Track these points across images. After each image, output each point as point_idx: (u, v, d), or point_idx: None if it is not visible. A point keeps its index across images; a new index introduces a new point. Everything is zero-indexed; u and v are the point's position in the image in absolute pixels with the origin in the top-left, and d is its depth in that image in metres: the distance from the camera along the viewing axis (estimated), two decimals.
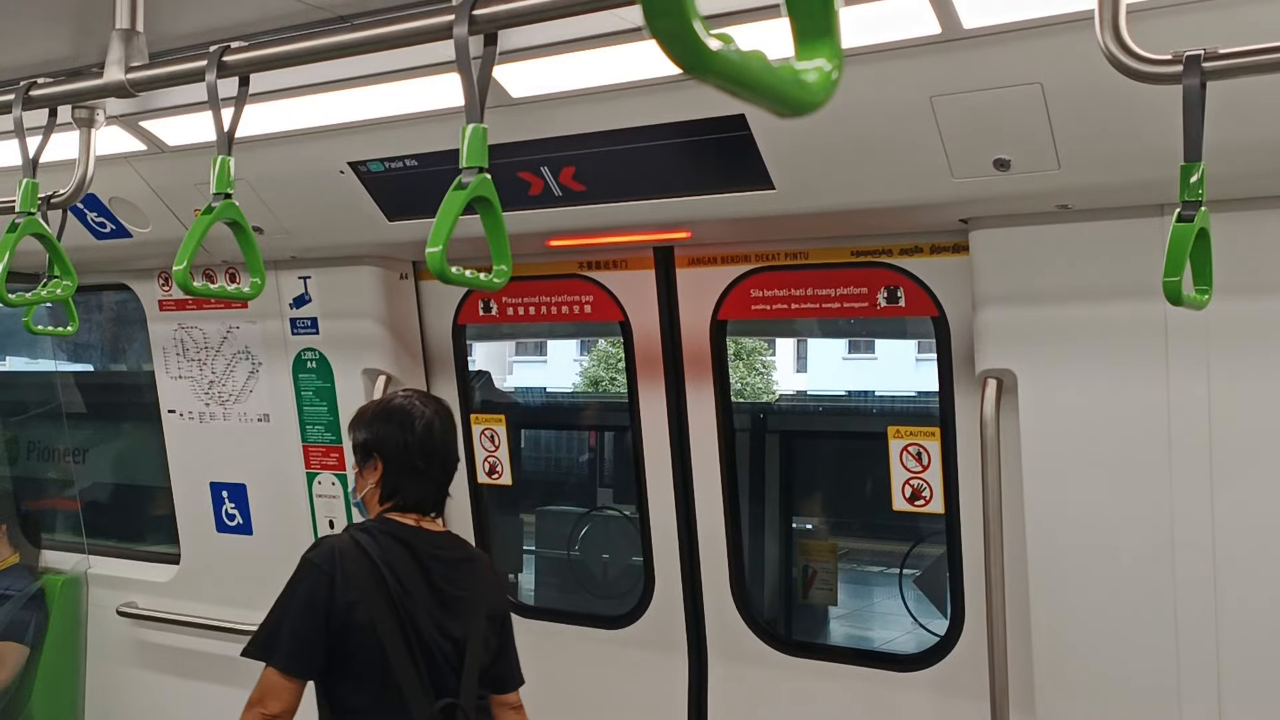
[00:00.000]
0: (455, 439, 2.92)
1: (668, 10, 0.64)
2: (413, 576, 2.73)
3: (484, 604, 2.84)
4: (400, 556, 2.73)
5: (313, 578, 2.69)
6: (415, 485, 2.81)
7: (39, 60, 2.68)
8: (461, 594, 2.80)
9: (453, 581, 2.80)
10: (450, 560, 2.84)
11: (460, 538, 3.03)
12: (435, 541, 2.83)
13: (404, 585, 2.71)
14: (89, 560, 5.04)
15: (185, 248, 1.99)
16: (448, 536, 2.93)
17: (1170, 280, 1.66)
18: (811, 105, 0.78)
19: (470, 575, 2.86)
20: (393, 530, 2.77)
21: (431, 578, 2.76)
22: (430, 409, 2.87)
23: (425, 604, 2.72)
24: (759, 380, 15.85)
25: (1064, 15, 2.13)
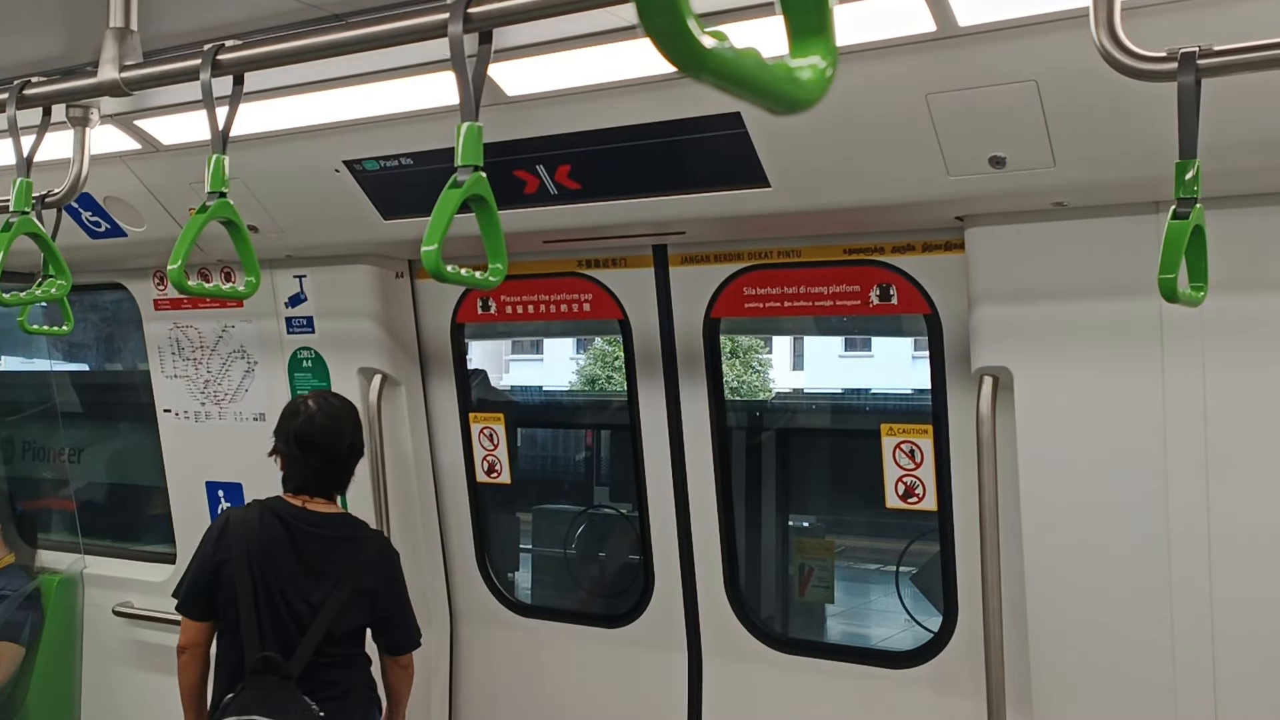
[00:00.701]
0: (341, 432, 3.32)
1: (662, 8, 0.64)
2: (281, 548, 3.22)
3: (354, 579, 3.23)
4: (275, 530, 3.23)
5: (205, 537, 3.33)
6: (296, 471, 3.30)
7: (33, 59, 2.67)
8: (330, 567, 3.23)
9: (323, 556, 3.24)
10: (325, 538, 3.26)
11: (353, 520, 3.41)
12: (315, 520, 3.27)
13: (268, 553, 3.20)
14: (84, 560, 5.04)
15: (180, 247, 1.98)
16: (334, 517, 3.33)
17: (1166, 277, 1.66)
18: (806, 103, 0.78)
19: (344, 552, 3.26)
20: (276, 507, 3.28)
21: (301, 551, 3.23)
22: (316, 405, 3.32)
23: (290, 572, 3.21)
24: (755, 378, 15.85)
25: (1059, 13, 2.13)
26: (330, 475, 3.33)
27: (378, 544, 3.39)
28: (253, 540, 3.21)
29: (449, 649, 4.29)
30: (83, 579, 5.02)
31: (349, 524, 3.39)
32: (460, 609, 4.29)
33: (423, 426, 4.18)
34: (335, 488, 3.36)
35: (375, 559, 3.32)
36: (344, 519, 3.40)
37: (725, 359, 3.80)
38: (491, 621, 4.22)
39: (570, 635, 4.06)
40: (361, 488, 4.11)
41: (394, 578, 3.36)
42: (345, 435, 3.34)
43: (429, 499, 4.22)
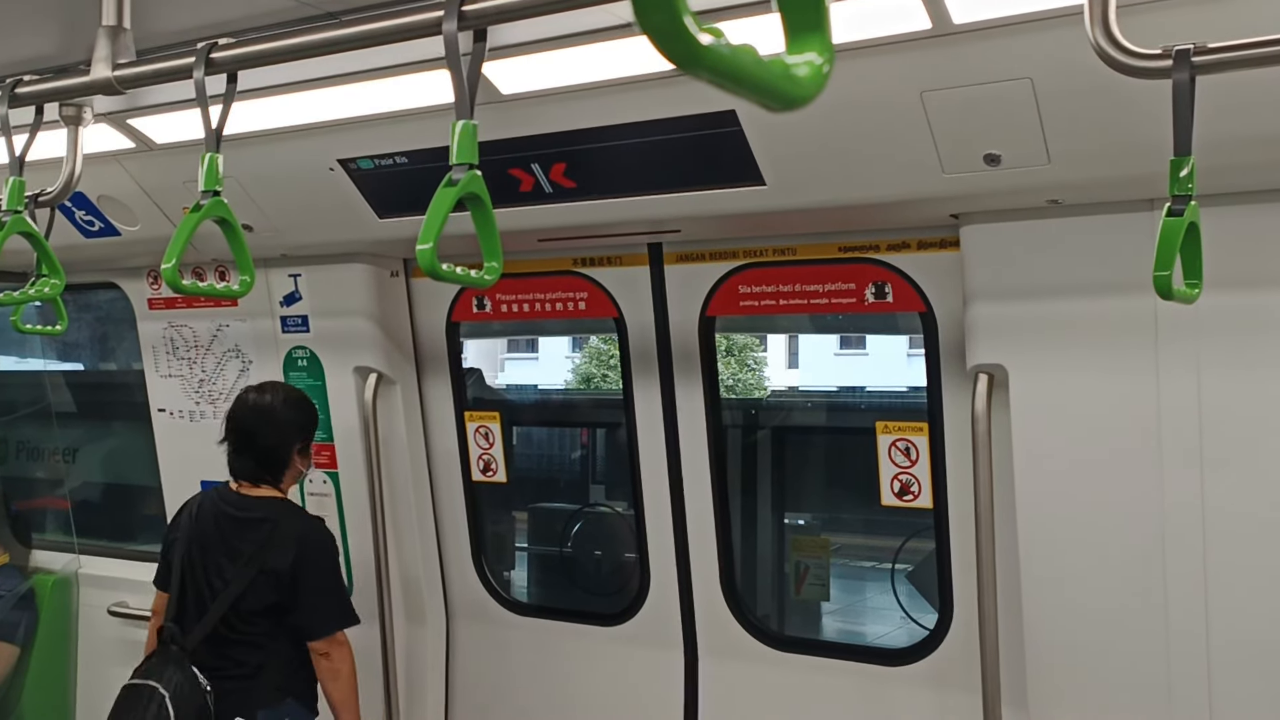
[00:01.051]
0: (264, 425, 3.49)
1: (658, 6, 0.64)
2: (209, 529, 3.47)
3: (261, 558, 3.37)
4: (208, 513, 3.51)
5: (170, 520, 3.70)
6: (228, 457, 3.54)
7: (25, 57, 2.66)
8: (243, 547, 3.40)
9: (239, 536, 3.42)
10: (244, 519, 3.44)
11: (282, 504, 3.51)
12: (239, 504, 3.47)
13: (199, 534, 3.47)
14: (79, 560, 5.03)
15: (174, 246, 1.98)
16: (260, 500, 3.48)
17: (1161, 274, 1.66)
18: (802, 100, 0.78)
19: (259, 533, 3.40)
20: (217, 492, 3.56)
21: (223, 532, 3.44)
22: (253, 396, 3.55)
23: (214, 551, 3.44)
24: (751, 376, 15.86)
25: (1054, 10, 2.13)
26: (250, 463, 3.48)
27: (298, 526, 3.46)
28: (191, 522, 3.51)
29: (445, 647, 4.29)
30: (77, 579, 5.00)
31: (274, 506, 3.48)
32: (456, 607, 4.29)
33: (418, 425, 4.18)
34: (257, 476, 3.49)
35: (289, 540, 3.39)
36: (270, 502, 3.48)
37: (720, 357, 3.80)
38: (487, 619, 4.22)
39: (566, 633, 4.06)
40: (357, 486, 4.11)
41: (308, 559, 3.40)
42: (268, 429, 3.48)
43: (424, 497, 4.22)
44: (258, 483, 3.49)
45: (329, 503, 4.21)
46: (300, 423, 3.56)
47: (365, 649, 4.15)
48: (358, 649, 4.19)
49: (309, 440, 3.61)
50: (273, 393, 3.57)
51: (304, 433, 3.57)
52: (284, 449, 3.51)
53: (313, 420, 3.64)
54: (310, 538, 3.45)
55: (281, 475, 3.52)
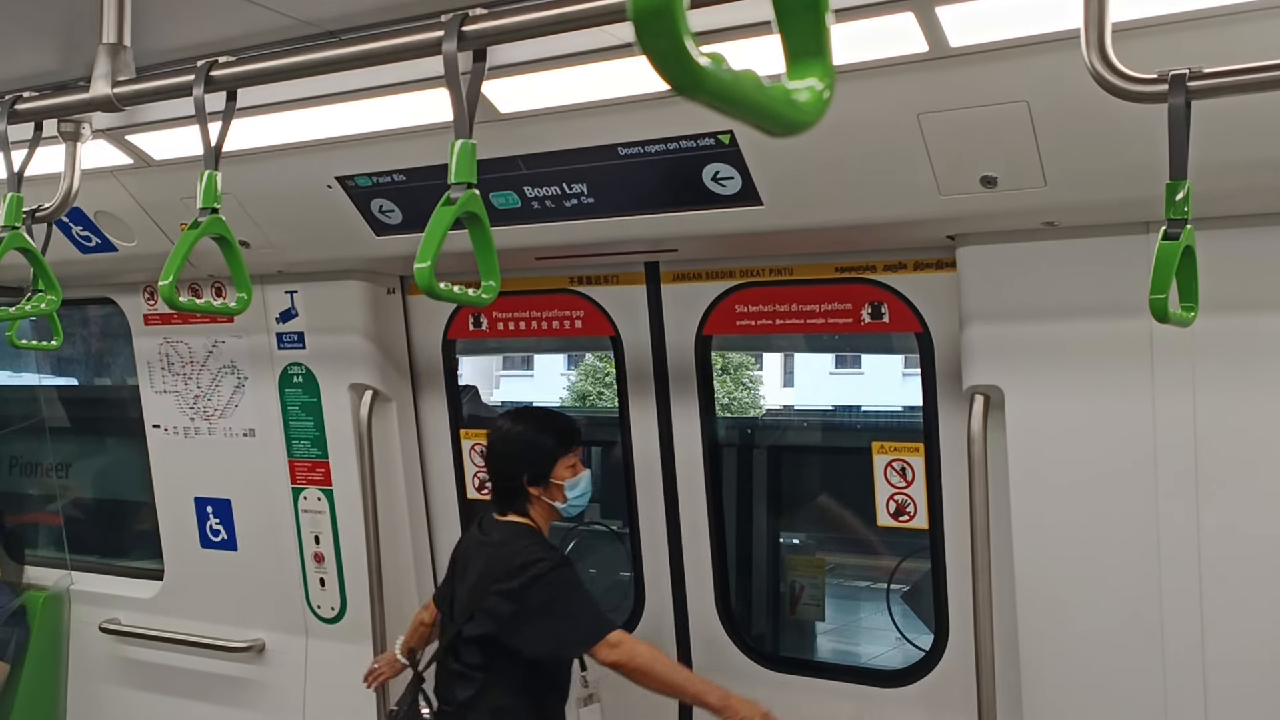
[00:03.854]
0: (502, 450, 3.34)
1: (660, 30, 0.64)
2: (466, 552, 3.40)
3: (485, 585, 3.21)
4: (471, 535, 3.47)
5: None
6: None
7: (25, 74, 2.66)
8: (471, 567, 3.31)
9: (474, 556, 3.32)
10: (483, 543, 3.34)
11: (516, 527, 3.30)
12: (487, 526, 3.38)
13: (464, 557, 3.39)
14: (71, 576, 5.00)
15: (171, 263, 1.97)
16: (499, 524, 3.34)
17: (1156, 298, 1.67)
18: (803, 125, 0.78)
19: (487, 558, 3.27)
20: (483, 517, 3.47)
21: (471, 556, 3.36)
22: (504, 422, 3.42)
23: (461, 572, 3.36)
24: (746, 395, 15.84)
25: (1050, 34, 2.14)
26: (500, 489, 3.36)
27: (525, 553, 3.19)
28: (459, 546, 3.51)
29: None
30: (69, 595, 4.98)
31: (509, 530, 3.30)
32: None
33: (413, 442, 4.17)
34: (502, 504, 3.35)
35: (503, 563, 3.20)
36: (508, 526, 3.31)
37: (716, 376, 3.80)
38: None
39: None
40: (352, 503, 4.10)
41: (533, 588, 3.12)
42: (496, 461, 3.36)
43: (419, 515, 4.20)
44: (505, 513, 3.34)
45: (323, 520, 4.20)
46: (522, 455, 3.29)
47: (357, 666, 4.13)
48: (350, 668, 4.18)
49: (541, 471, 3.27)
50: (510, 421, 3.40)
51: (534, 464, 3.28)
52: (512, 481, 3.31)
53: (539, 453, 3.29)
54: (535, 564, 3.16)
55: (522, 506, 3.30)
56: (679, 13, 0.64)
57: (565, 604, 3.16)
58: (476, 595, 3.23)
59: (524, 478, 3.28)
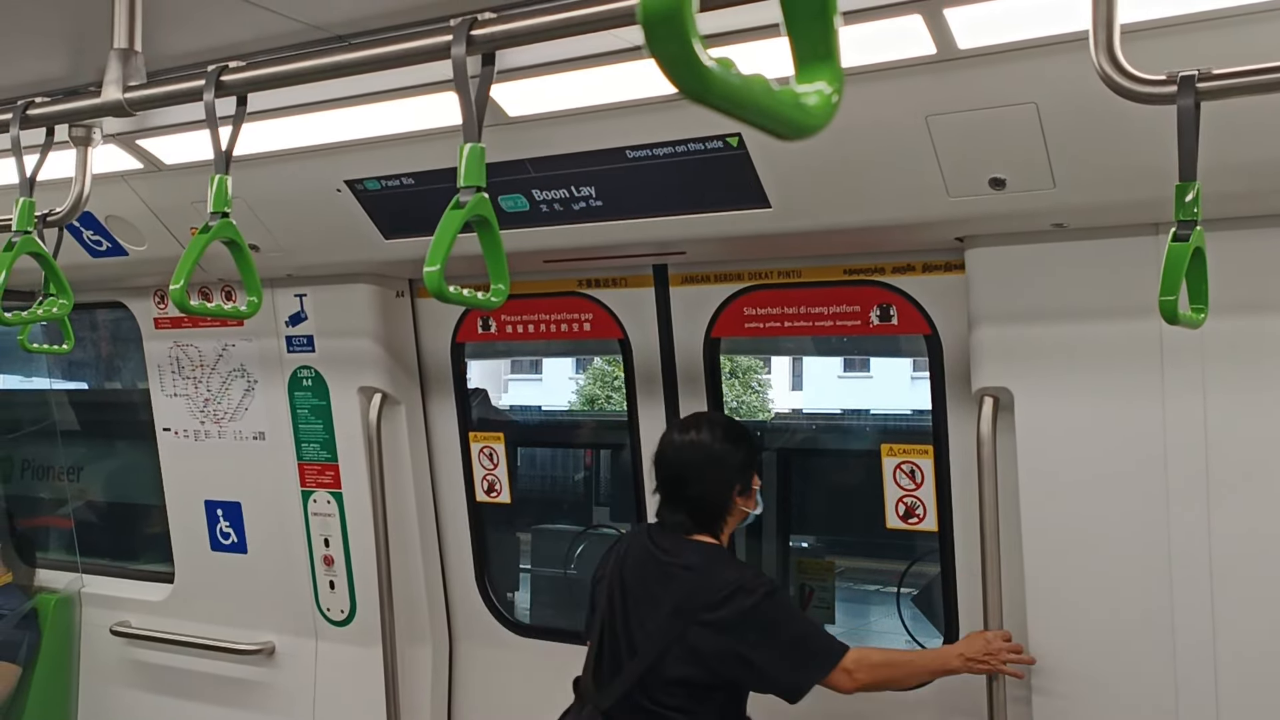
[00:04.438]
0: (692, 465, 3.00)
1: (670, 35, 0.64)
2: (637, 572, 3.02)
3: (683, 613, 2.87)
4: (638, 552, 3.05)
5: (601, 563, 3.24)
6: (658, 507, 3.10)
7: (37, 79, 2.68)
8: (659, 593, 2.93)
9: (664, 584, 2.95)
10: (671, 564, 2.96)
11: (705, 548, 2.97)
12: (670, 546, 2.99)
13: (626, 576, 3.03)
14: (82, 579, 5.02)
15: (182, 267, 1.98)
16: (689, 544, 2.98)
17: (1166, 299, 1.66)
18: (812, 129, 0.78)
19: (685, 584, 2.90)
20: (648, 528, 3.12)
21: (648, 577, 2.99)
22: (673, 433, 3.12)
23: (636, 598, 2.98)
24: (755, 399, 15.83)
25: (1059, 36, 2.14)
26: (681, 515, 2.98)
27: (735, 579, 2.88)
28: (620, 564, 3.06)
29: (448, 668, 4.28)
30: (80, 598, 5.00)
31: (704, 551, 2.95)
32: (459, 628, 4.27)
33: (422, 445, 4.18)
34: (690, 530, 2.98)
35: (723, 597, 2.84)
36: (700, 548, 2.95)
37: (724, 379, 3.80)
38: (490, 641, 4.20)
39: (570, 655, 4.02)
40: (361, 506, 4.10)
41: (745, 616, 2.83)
42: (701, 474, 2.97)
43: (428, 518, 4.21)
44: (690, 535, 2.99)
45: (333, 523, 4.20)
46: (739, 462, 3.01)
47: (367, 669, 4.14)
48: (360, 670, 4.18)
49: (748, 482, 3.04)
50: (704, 428, 3.05)
51: (744, 472, 3.02)
52: (722, 496, 2.99)
53: (753, 454, 3.10)
54: (744, 588, 2.86)
55: (721, 526, 3.01)
56: (688, 17, 0.64)
57: (791, 630, 2.88)
58: (675, 628, 2.87)
59: (735, 491, 2.99)
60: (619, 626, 2.98)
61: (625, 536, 3.22)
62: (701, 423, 3.09)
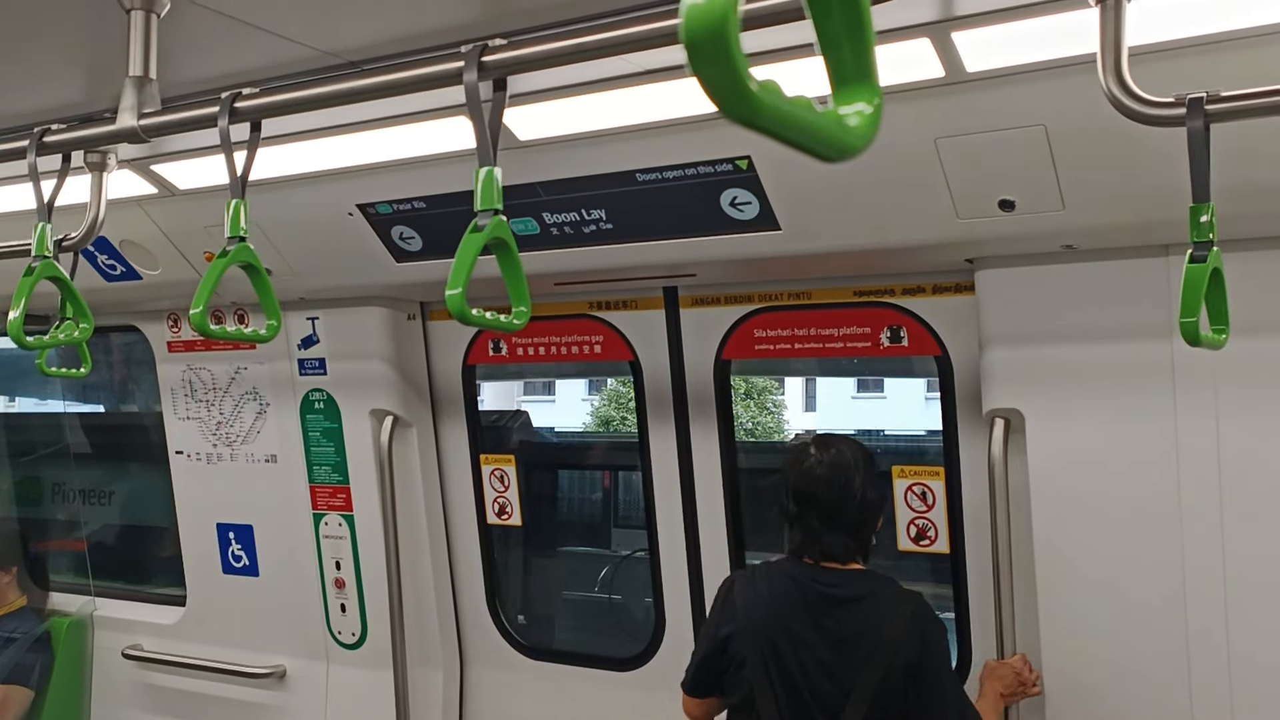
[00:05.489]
0: (846, 488, 2.74)
1: (715, 58, 0.63)
2: (795, 614, 2.70)
3: (889, 651, 2.64)
4: (786, 593, 2.73)
5: (710, 609, 2.93)
6: (795, 528, 2.81)
7: (53, 106, 2.71)
8: (855, 637, 2.66)
9: (844, 622, 2.68)
10: (844, 599, 2.70)
11: (875, 578, 2.78)
12: (830, 578, 2.73)
13: (780, 622, 2.71)
14: (95, 602, 5.02)
15: (202, 291, 1.99)
16: (848, 574, 2.76)
17: (1187, 321, 1.66)
18: (855, 150, 0.77)
19: (870, 616, 2.68)
20: (787, 568, 2.79)
21: (817, 617, 2.69)
22: (807, 455, 2.81)
23: (806, 643, 2.68)
24: (770, 420, 15.76)
25: (1067, 58, 2.15)
26: (841, 542, 2.75)
27: (911, 603, 2.72)
28: (763, 608, 2.74)
29: (459, 691, 4.26)
30: (93, 621, 5.00)
31: (870, 580, 2.77)
32: (470, 651, 4.26)
33: (434, 468, 4.18)
34: (848, 557, 2.76)
35: (909, 622, 2.68)
36: (871, 578, 2.78)
37: (739, 400, 3.80)
38: (501, 664, 4.19)
39: (581, 678, 4.03)
40: (372, 528, 4.11)
41: (931, 647, 2.68)
42: (854, 497, 2.74)
43: (439, 540, 4.21)
44: (846, 564, 2.77)
45: (344, 545, 4.21)
46: (878, 489, 2.84)
47: (378, 692, 4.13)
48: (371, 693, 4.17)
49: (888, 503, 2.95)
50: (841, 447, 2.82)
51: (882, 498, 2.88)
52: (875, 516, 2.81)
53: (881, 483, 2.98)
54: (925, 615, 2.72)
55: (863, 552, 2.81)
56: (734, 39, 0.63)
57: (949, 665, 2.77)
58: (874, 666, 2.63)
59: (881, 514, 2.85)
60: (798, 677, 2.67)
61: (745, 577, 2.86)
62: (836, 442, 2.84)
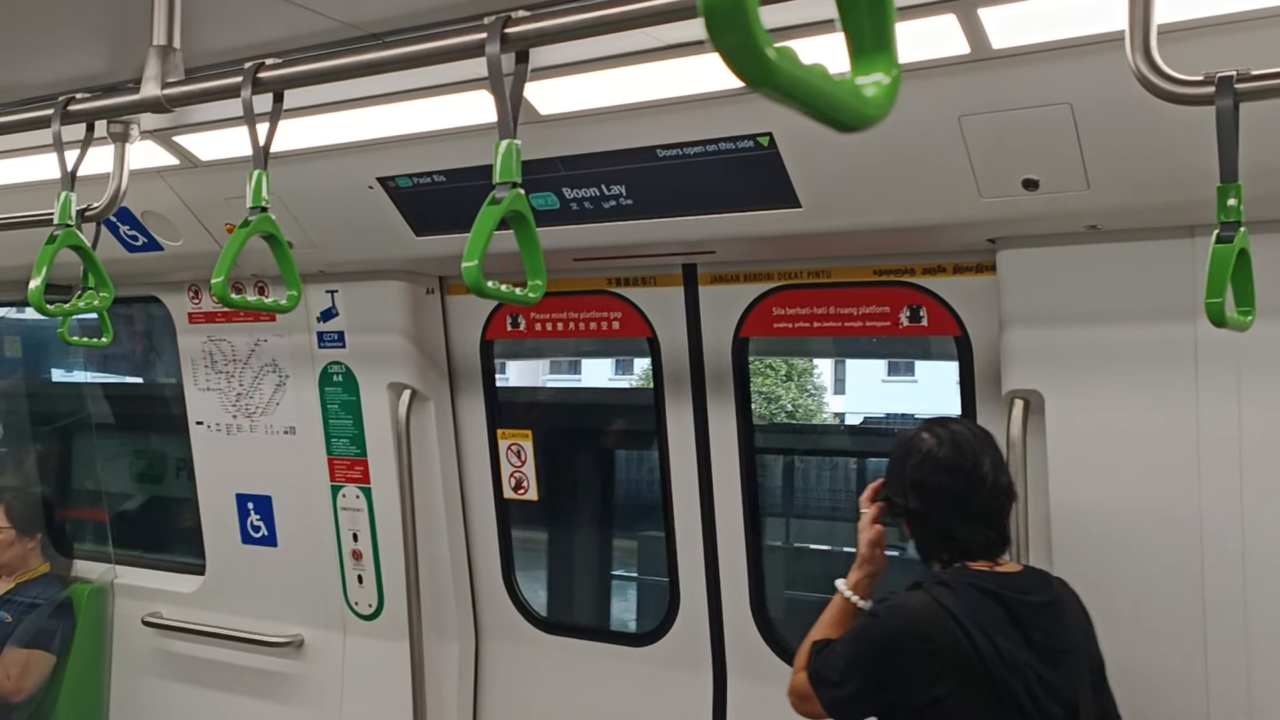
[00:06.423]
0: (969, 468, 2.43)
1: (733, 25, 0.64)
2: (1004, 632, 2.32)
3: (1089, 654, 2.46)
4: (987, 608, 2.33)
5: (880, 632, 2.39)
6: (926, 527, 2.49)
7: (77, 75, 2.72)
8: (1060, 645, 2.39)
9: (1048, 631, 2.37)
10: (1038, 604, 2.40)
11: (1035, 570, 2.56)
12: (1016, 583, 2.40)
13: (996, 642, 2.29)
14: (115, 570, 5.08)
15: (224, 261, 2.00)
16: (1025, 575, 2.47)
17: (1213, 301, 1.65)
18: (873, 119, 0.77)
19: (1060, 618, 2.42)
20: (972, 580, 2.37)
21: (1027, 630, 2.34)
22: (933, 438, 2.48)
23: (1028, 666, 2.32)
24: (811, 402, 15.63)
25: (1094, 36, 2.12)
26: (1004, 527, 2.45)
27: (1077, 599, 2.54)
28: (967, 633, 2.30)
29: (474, 664, 4.30)
30: (113, 589, 5.06)
31: (1042, 577, 2.52)
32: (485, 625, 4.29)
33: (451, 442, 4.20)
34: (989, 549, 2.43)
35: (1086, 614, 2.52)
36: (1035, 572, 2.54)
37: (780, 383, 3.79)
38: (516, 638, 4.22)
39: (595, 653, 4.05)
40: (390, 502, 4.13)
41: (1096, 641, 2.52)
42: (980, 471, 2.42)
43: (456, 514, 4.23)
44: (998, 557, 2.46)
45: (361, 518, 4.23)
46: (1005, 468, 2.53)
47: (394, 663, 4.17)
48: (387, 664, 4.21)
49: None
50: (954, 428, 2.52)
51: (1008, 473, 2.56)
52: (1010, 503, 2.49)
53: None
54: (1083, 609, 2.55)
55: (1007, 544, 2.53)
56: (751, 6, 0.63)
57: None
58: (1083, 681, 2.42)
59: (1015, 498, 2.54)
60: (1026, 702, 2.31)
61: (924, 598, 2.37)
62: (948, 423, 2.56)
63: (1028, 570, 2.52)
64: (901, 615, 2.37)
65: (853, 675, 2.39)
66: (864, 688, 2.38)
